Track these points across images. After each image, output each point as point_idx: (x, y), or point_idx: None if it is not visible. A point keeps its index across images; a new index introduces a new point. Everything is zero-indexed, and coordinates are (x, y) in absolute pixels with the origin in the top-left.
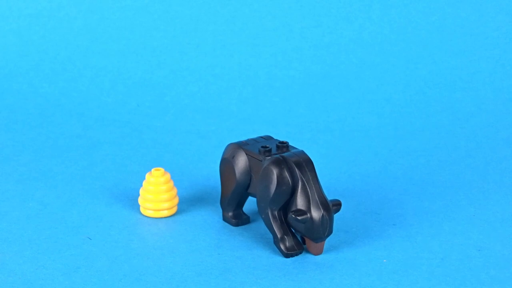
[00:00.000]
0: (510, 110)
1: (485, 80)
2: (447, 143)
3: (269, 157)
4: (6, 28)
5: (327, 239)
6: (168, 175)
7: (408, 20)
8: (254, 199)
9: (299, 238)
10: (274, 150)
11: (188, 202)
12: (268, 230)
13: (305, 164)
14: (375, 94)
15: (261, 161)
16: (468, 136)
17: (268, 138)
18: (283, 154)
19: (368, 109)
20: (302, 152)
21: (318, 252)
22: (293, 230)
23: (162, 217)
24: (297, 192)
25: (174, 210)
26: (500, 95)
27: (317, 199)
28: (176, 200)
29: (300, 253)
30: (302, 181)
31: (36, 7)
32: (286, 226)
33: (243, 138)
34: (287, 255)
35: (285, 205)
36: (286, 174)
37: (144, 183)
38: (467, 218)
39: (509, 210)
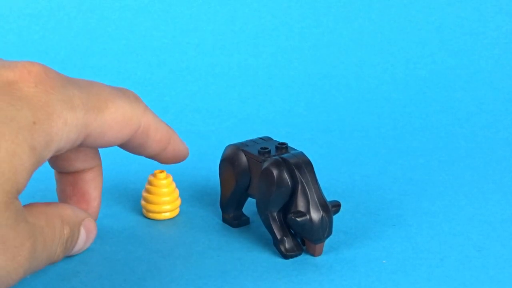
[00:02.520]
0: (510, 110)
1: (485, 80)
2: (447, 143)
3: (268, 159)
4: (6, 28)
5: (327, 240)
6: (170, 177)
7: (408, 20)
8: (254, 200)
9: (299, 240)
10: (273, 151)
11: (187, 203)
12: (267, 232)
13: (304, 165)
14: (375, 94)
15: (261, 162)
16: (468, 136)
17: (268, 139)
18: (282, 156)
19: (368, 109)
20: (302, 154)
21: (318, 253)
22: (293, 232)
23: (164, 219)
24: (296, 194)
25: (176, 212)
26: (500, 95)
27: (317, 200)
28: (178, 202)
29: (300, 254)
30: (302, 183)
31: (36, 7)
32: (286, 228)
33: (243, 138)
34: (286, 257)
35: (285, 207)
36: (286, 175)
37: (146, 185)
38: (466, 218)
39: (508, 210)
